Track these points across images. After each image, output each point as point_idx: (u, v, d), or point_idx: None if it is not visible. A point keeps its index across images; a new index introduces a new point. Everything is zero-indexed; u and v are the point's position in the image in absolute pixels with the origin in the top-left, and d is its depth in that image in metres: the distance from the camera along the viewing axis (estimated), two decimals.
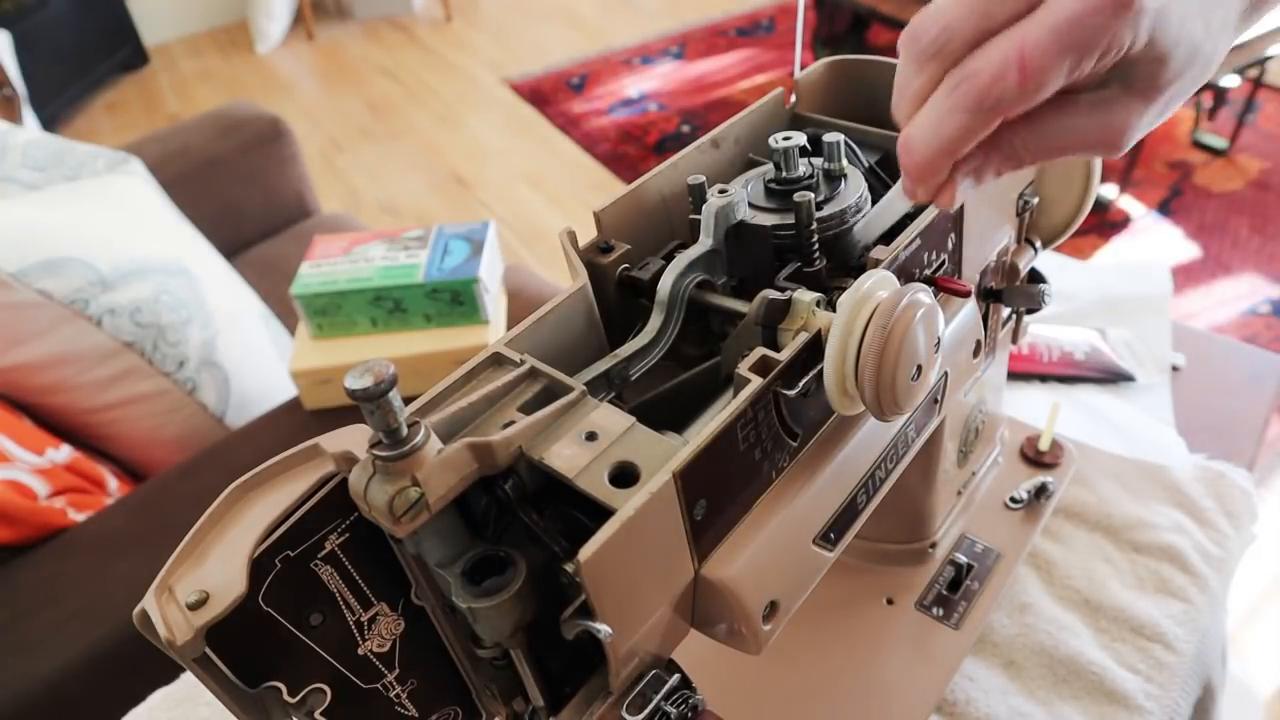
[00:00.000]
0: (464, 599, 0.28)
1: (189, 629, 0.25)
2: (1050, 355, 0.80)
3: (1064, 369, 0.79)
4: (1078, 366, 0.80)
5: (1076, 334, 0.83)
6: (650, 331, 0.37)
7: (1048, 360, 0.80)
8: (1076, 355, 0.80)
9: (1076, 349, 0.81)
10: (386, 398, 0.25)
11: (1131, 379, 0.78)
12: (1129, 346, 0.81)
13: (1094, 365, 0.79)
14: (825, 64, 0.51)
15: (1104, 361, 0.79)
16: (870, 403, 0.32)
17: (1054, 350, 0.81)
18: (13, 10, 2.69)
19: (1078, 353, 0.80)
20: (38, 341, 0.93)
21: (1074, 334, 0.83)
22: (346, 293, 1.02)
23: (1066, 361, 0.80)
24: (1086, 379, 0.79)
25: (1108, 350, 0.80)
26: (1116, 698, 0.55)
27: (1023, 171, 0.48)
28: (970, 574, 0.59)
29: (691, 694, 0.32)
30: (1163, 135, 2.38)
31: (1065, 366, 0.80)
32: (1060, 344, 0.81)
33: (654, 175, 0.42)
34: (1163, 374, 0.79)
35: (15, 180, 1.10)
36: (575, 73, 3.05)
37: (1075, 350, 0.81)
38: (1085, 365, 0.80)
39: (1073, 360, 0.80)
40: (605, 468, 0.29)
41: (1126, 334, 0.82)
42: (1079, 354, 0.80)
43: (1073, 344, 0.81)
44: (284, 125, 1.50)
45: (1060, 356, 0.80)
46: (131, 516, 0.92)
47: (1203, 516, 0.65)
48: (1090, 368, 0.79)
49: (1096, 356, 0.80)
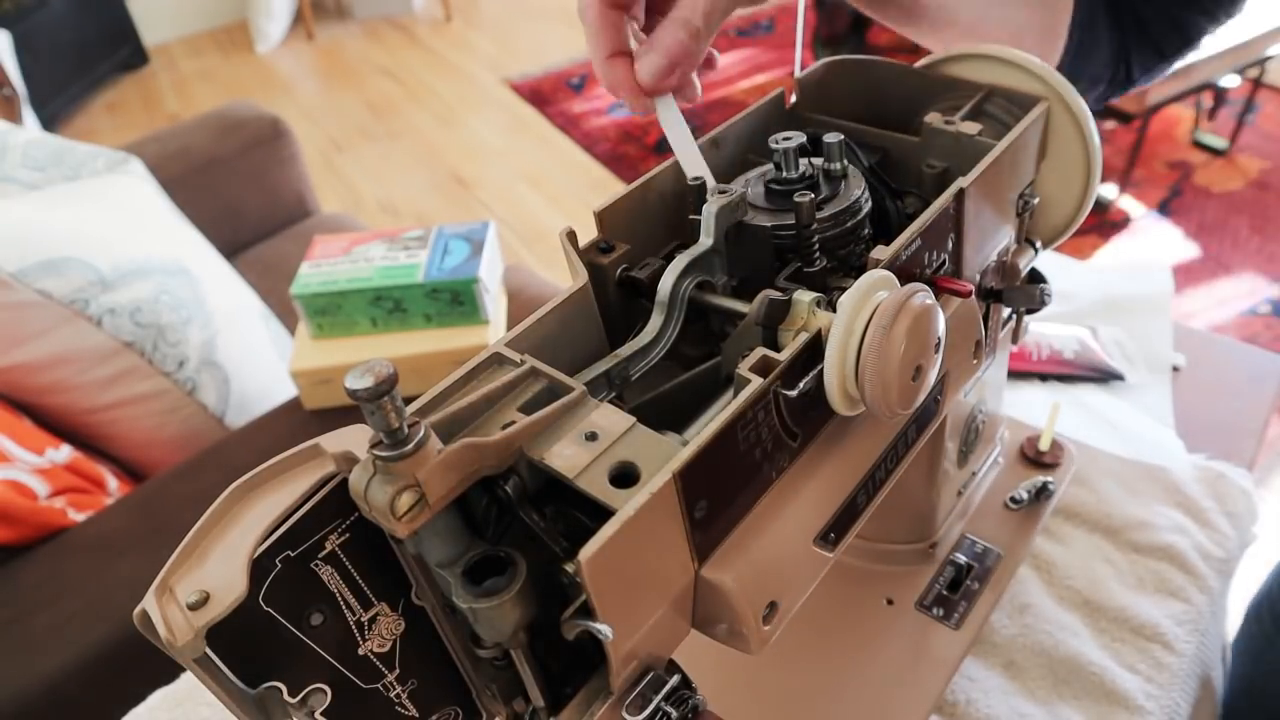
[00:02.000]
0: (464, 599, 0.28)
1: (189, 629, 0.25)
2: (1039, 353, 0.80)
3: (1052, 367, 0.79)
4: (1066, 365, 0.79)
5: (1066, 332, 0.83)
6: (650, 332, 0.37)
7: (1036, 358, 0.80)
8: (1065, 354, 0.80)
9: (1065, 347, 0.81)
10: (387, 398, 0.25)
11: (1121, 378, 0.78)
12: (1120, 345, 0.81)
13: (1083, 364, 0.79)
14: (825, 64, 0.51)
15: (1093, 360, 0.79)
16: (870, 403, 0.32)
17: (1043, 348, 0.81)
18: (13, 10, 2.69)
19: (1066, 351, 0.80)
20: (38, 341, 0.93)
21: (1063, 332, 0.83)
22: (346, 293, 1.02)
23: (1055, 360, 0.80)
24: (1077, 378, 0.79)
25: (1097, 349, 0.80)
26: (1116, 698, 0.55)
27: (1023, 172, 0.48)
28: (970, 574, 0.59)
29: (691, 694, 0.32)
30: (1163, 135, 2.38)
31: (1053, 365, 0.80)
32: (1049, 342, 0.81)
33: (654, 175, 0.42)
34: (1158, 373, 0.79)
35: (15, 180, 1.10)
36: (575, 73, 3.05)
37: (1064, 349, 0.80)
38: (1074, 364, 0.79)
39: (1061, 358, 0.80)
40: (605, 468, 0.29)
41: (1119, 332, 0.82)
42: (1068, 352, 0.80)
43: (1062, 342, 0.81)
44: (284, 125, 1.50)
45: (1049, 355, 0.80)
46: (131, 516, 0.92)
47: (1203, 517, 0.65)
48: (1079, 366, 0.79)
49: (1086, 355, 0.80)
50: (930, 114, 0.47)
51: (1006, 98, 0.49)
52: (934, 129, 0.46)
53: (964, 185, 0.41)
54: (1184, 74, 1.89)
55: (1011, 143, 0.44)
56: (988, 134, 0.45)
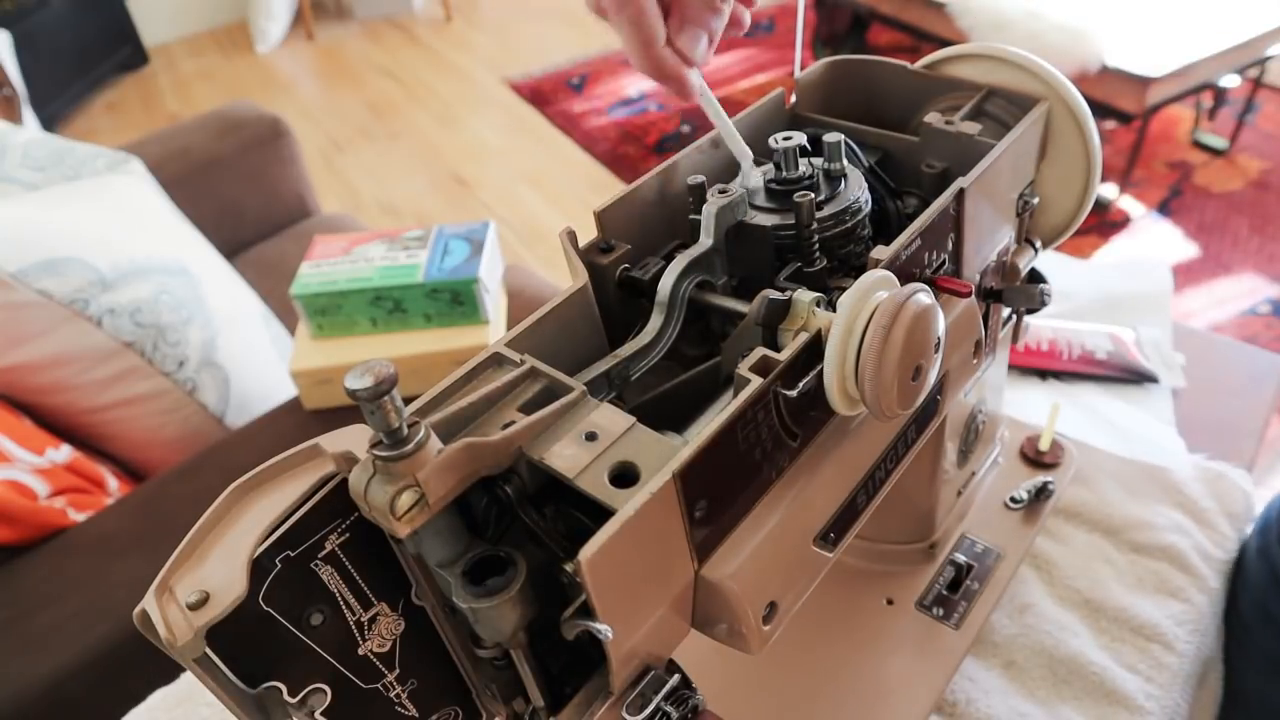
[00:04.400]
0: (464, 599, 0.28)
1: (189, 629, 0.25)
2: (1070, 353, 0.80)
3: (1082, 367, 0.79)
4: (1098, 365, 0.79)
5: (1100, 330, 0.82)
6: (650, 332, 0.37)
7: (1067, 358, 0.80)
8: (1098, 354, 0.80)
9: (1098, 347, 0.80)
10: (387, 398, 0.25)
11: (1155, 380, 0.78)
12: (1157, 347, 0.81)
13: (1115, 364, 0.79)
14: (825, 64, 0.51)
15: (1126, 361, 0.79)
16: (870, 403, 0.32)
17: (1074, 348, 0.81)
18: (13, 10, 2.69)
19: (1099, 351, 0.80)
20: (38, 341, 0.93)
21: (1099, 330, 0.82)
22: (346, 293, 1.02)
23: (1086, 359, 0.80)
24: (1107, 378, 0.79)
25: (1132, 349, 0.80)
26: (1116, 698, 0.55)
27: (1023, 172, 0.48)
28: (970, 574, 0.59)
29: (691, 694, 0.32)
30: (1163, 135, 2.38)
31: (1084, 364, 0.79)
32: (1082, 341, 0.81)
33: (654, 175, 0.42)
34: (1173, 371, 0.79)
35: (15, 180, 1.10)
36: (575, 73, 3.05)
37: (1096, 349, 0.80)
38: (1106, 364, 0.79)
39: (1093, 359, 0.80)
40: (605, 468, 0.29)
41: (1158, 334, 0.82)
42: (1100, 353, 0.80)
43: (1094, 342, 0.81)
44: (284, 125, 1.50)
45: (1081, 354, 0.80)
46: (131, 516, 0.92)
47: (1203, 517, 0.65)
48: (1111, 366, 0.79)
49: (1119, 356, 0.79)
50: (930, 114, 0.47)
51: (1006, 98, 0.49)
52: (934, 129, 0.46)
53: (964, 185, 0.41)
54: (1184, 74, 1.89)
55: (1011, 143, 0.44)
56: (988, 134, 0.45)
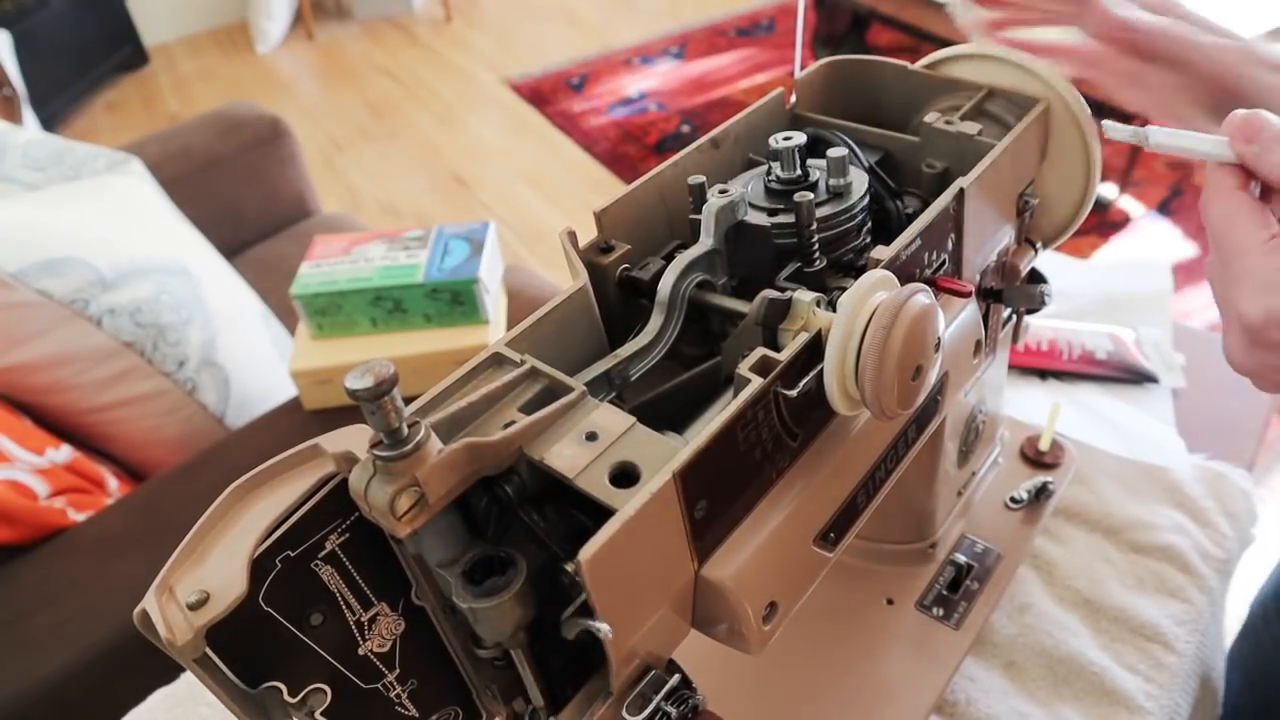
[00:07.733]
0: (464, 599, 0.28)
1: (189, 629, 0.25)
2: (1070, 353, 0.80)
3: (1082, 367, 0.79)
4: (1098, 365, 0.79)
5: (1100, 330, 0.82)
6: (650, 332, 0.37)
7: (1067, 358, 0.80)
8: (1098, 354, 0.80)
9: (1098, 347, 0.80)
10: (387, 398, 0.25)
11: (1155, 380, 0.78)
12: (1157, 348, 0.81)
13: (1115, 364, 0.79)
14: (825, 64, 0.51)
15: (1126, 361, 0.79)
16: (870, 403, 0.32)
17: (1074, 348, 0.80)
18: (13, 10, 2.69)
19: (1099, 352, 0.80)
20: (38, 341, 0.93)
21: (1098, 330, 0.82)
22: (346, 293, 1.02)
23: (1086, 359, 0.79)
24: (1106, 378, 0.79)
25: (1133, 350, 0.80)
26: (1116, 698, 0.55)
27: (1023, 172, 0.48)
28: (970, 574, 0.59)
29: (691, 694, 0.32)
30: None
31: (1084, 364, 0.79)
32: (1082, 341, 0.81)
33: (654, 175, 0.42)
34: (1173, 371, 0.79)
35: (15, 180, 1.10)
36: (575, 73, 3.05)
37: (1096, 349, 0.80)
38: (1106, 364, 0.79)
39: (1093, 358, 0.80)
40: (605, 468, 0.29)
41: (1159, 334, 0.82)
42: (1100, 353, 0.80)
43: (1094, 342, 0.81)
44: (284, 125, 1.50)
45: (1081, 354, 0.80)
46: (131, 516, 0.92)
47: (1203, 517, 0.65)
48: (1111, 366, 0.79)
49: (1119, 356, 0.79)
50: (930, 114, 0.47)
51: (1006, 98, 0.49)
52: (934, 129, 0.46)
53: (964, 185, 0.41)
54: None
55: (1011, 143, 0.44)
56: (988, 134, 0.45)
